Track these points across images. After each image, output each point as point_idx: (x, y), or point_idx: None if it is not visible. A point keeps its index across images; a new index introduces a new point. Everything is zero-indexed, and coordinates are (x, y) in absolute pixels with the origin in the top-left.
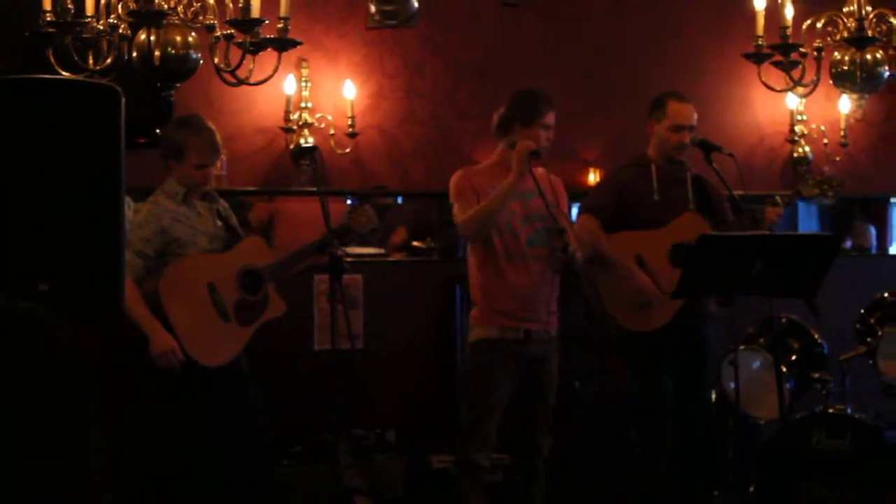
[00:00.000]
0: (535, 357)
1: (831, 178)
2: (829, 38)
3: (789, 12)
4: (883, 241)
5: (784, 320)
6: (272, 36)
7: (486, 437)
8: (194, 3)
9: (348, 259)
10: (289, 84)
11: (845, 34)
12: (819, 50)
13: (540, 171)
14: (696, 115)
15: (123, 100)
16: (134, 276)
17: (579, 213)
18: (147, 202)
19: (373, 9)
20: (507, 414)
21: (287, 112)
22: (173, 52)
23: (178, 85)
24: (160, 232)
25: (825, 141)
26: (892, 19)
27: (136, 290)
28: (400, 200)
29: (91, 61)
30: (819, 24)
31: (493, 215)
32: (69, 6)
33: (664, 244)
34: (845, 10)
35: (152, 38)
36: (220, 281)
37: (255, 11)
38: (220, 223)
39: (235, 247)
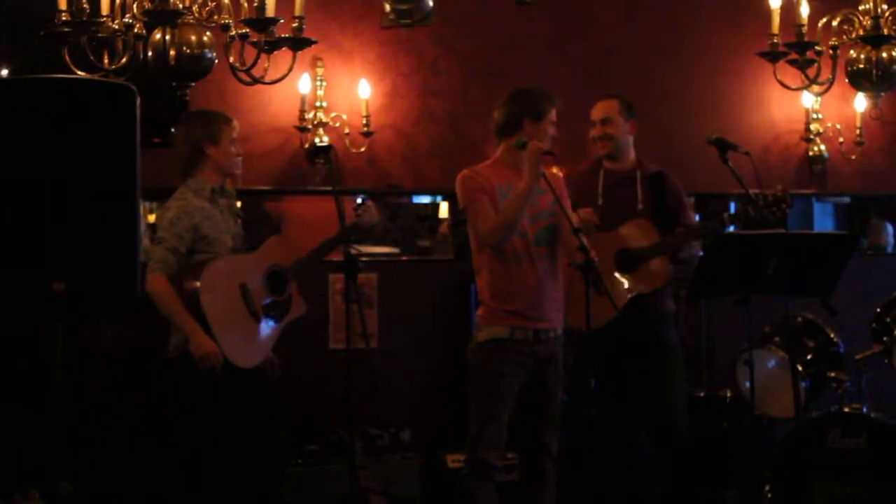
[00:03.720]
0: (543, 357)
1: (782, 198)
2: (844, 37)
3: (805, 10)
4: None
5: (800, 319)
6: (287, 35)
7: (496, 436)
8: (209, 3)
9: (363, 259)
10: (304, 83)
11: (861, 32)
12: (834, 48)
13: (553, 170)
14: (608, 111)
15: (138, 99)
16: (167, 272)
17: None
18: (174, 199)
19: (387, 8)
20: (514, 414)
21: (302, 111)
22: (188, 51)
23: (193, 84)
24: (192, 228)
25: (841, 139)
26: None
27: (171, 287)
28: (414, 199)
29: (106, 61)
30: (835, 23)
31: (517, 222)
32: (84, 6)
33: (611, 248)
34: (861, 8)
35: (167, 37)
36: (250, 282)
37: (270, 10)
38: (238, 221)
39: (261, 247)
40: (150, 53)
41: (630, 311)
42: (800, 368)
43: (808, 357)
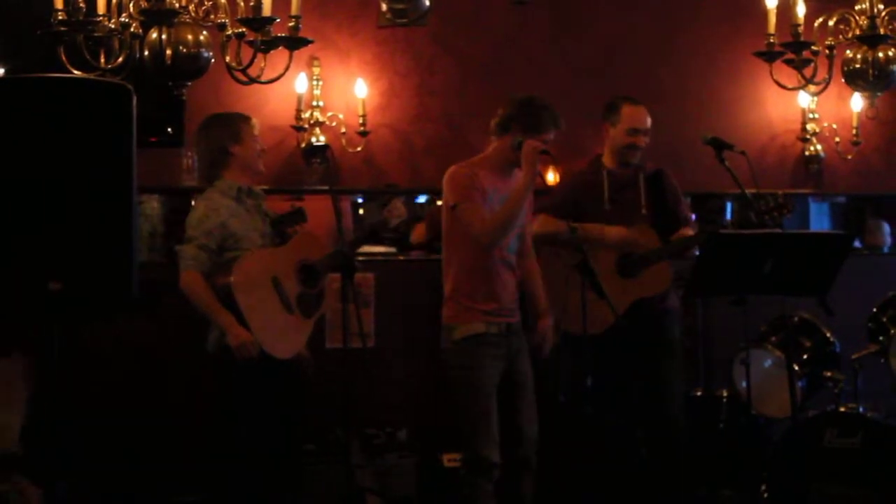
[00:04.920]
0: (515, 348)
1: (783, 206)
2: (841, 36)
3: (801, 10)
4: None
5: (796, 319)
6: (283, 34)
7: (491, 432)
8: (206, 2)
9: (360, 258)
10: (300, 82)
11: (857, 32)
12: (831, 48)
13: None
14: (649, 119)
15: (135, 98)
16: (201, 269)
17: (535, 213)
18: (202, 199)
19: (384, 7)
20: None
21: (298, 110)
22: (185, 50)
23: (190, 83)
24: (220, 226)
25: (837, 139)
26: None
27: (205, 283)
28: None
29: (103, 60)
30: (831, 22)
31: (514, 221)
32: (81, 5)
33: (613, 253)
34: (857, 7)
35: (164, 36)
36: (281, 274)
37: (267, 10)
38: (266, 220)
39: (290, 241)
40: (146, 53)
41: (632, 309)
42: (796, 368)
43: (805, 357)
